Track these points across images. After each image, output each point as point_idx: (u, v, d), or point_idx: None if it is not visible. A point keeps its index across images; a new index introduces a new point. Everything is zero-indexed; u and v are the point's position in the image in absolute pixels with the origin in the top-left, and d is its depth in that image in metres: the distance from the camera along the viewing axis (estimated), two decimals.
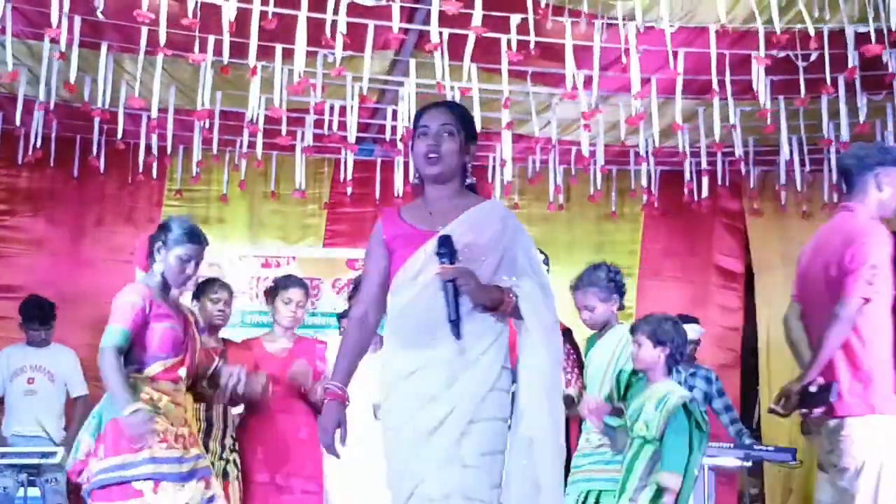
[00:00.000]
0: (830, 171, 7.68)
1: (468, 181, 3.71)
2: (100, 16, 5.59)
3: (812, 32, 5.68)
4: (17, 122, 6.85)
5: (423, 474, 3.42)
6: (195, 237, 4.82)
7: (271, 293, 5.98)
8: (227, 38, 5.79)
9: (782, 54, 6.06)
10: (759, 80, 6.18)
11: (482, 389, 3.47)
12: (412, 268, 3.54)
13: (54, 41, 5.76)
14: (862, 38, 5.94)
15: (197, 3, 5.55)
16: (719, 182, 8.27)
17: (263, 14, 5.69)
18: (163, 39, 5.70)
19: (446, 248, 3.48)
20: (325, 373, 5.72)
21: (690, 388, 7.50)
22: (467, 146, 3.67)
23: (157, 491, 4.44)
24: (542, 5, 5.78)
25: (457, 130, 3.63)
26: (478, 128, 6.47)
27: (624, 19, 6.14)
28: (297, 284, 5.97)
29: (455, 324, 3.44)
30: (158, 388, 4.63)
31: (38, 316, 7.59)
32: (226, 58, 5.90)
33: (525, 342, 3.60)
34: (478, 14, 5.70)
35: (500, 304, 3.52)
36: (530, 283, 3.60)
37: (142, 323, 4.68)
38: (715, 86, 6.31)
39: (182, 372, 4.74)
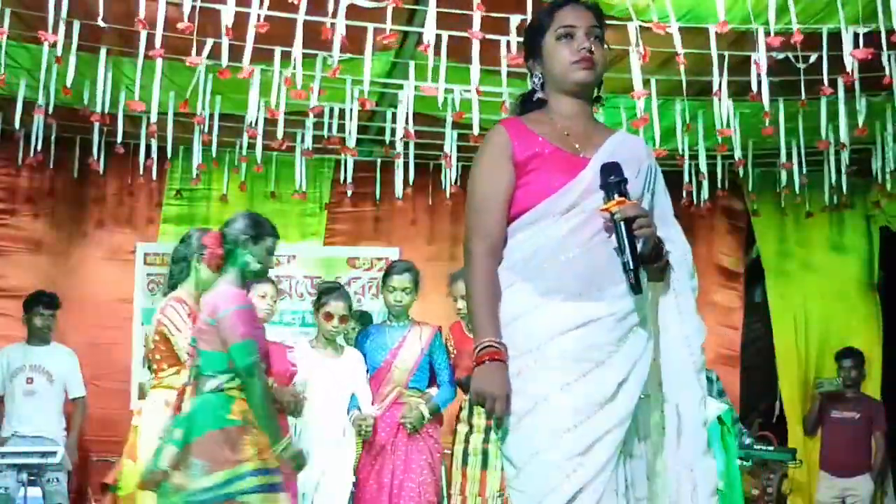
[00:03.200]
0: (829, 172, 7.67)
1: (599, 102, 3.17)
2: (100, 22, 5.58)
3: (799, 36, 5.67)
4: (17, 126, 6.83)
5: (601, 454, 2.73)
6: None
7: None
8: (225, 42, 5.80)
9: (781, 56, 6.05)
10: (762, 82, 6.16)
11: (648, 357, 2.89)
12: (567, 198, 2.85)
13: (54, 46, 5.75)
14: (862, 40, 5.93)
15: (196, 7, 5.54)
16: (719, 185, 8.27)
17: (267, 18, 5.69)
18: (158, 43, 5.70)
19: (618, 178, 2.83)
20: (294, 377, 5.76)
21: None
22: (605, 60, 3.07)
23: (269, 501, 4.29)
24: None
25: (602, 36, 3.03)
26: (476, 130, 6.62)
27: (623, 19, 6.12)
28: (266, 280, 5.96)
29: (635, 273, 2.78)
30: None
31: (43, 301, 7.61)
32: (224, 61, 5.90)
33: (669, 310, 2.97)
34: (476, 16, 5.71)
35: (658, 258, 2.91)
36: (682, 238, 3.04)
37: None
38: (715, 87, 6.30)
39: (269, 380, 4.57)
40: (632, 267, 2.77)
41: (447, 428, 6.47)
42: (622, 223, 2.77)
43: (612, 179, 2.81)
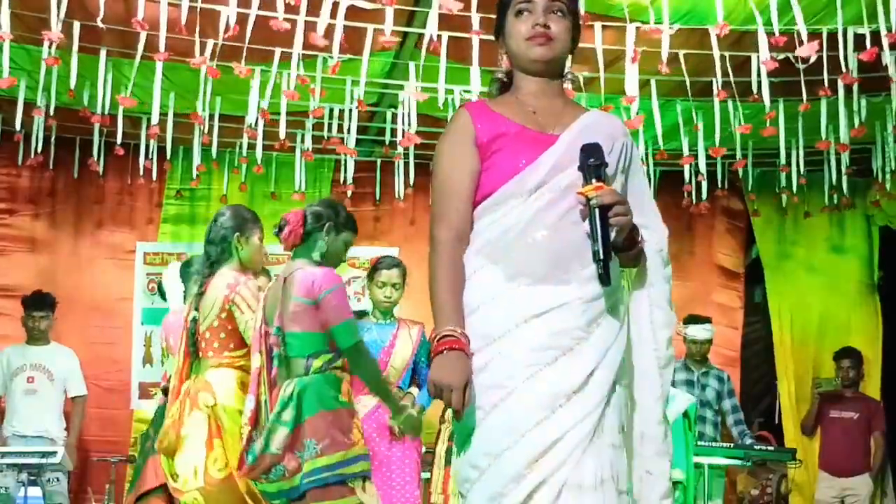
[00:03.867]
0: (829, 172, 7.68)
1: (568, 76, 3.02)
2: (100, 23, 5.58)
3: (805, 37, 5.67)
4: (18, 127, 6.84)
5: (562, 452, 2.59)
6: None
7: None
8: (220, 41, 5.82)
9: (782, 56, 6.05)
10: (763, 83, 6.16)
11: (621, 344, 2.74)
12: (533, 177, 2.72)
13: (56, 47, 5.76)
14: (861, 41, 5.93)
15: (197, 9, 5.55)
16: (719, 186, 8.28)
17: (264, 17, 5.70)
18: (162, 45, 5.71)
19: (598, 161, 2.66)
20: None
21: (703, 388, 7.55)
22: (574, 34, 2.92)
23: (365, 489, 4.28)
24: None
25: (566, 10, 2.87)
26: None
27: (623, 20, 6.13)
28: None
29: (605, 263, 2.61)
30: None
31: (34, 301, 7.61)
32: (214, 61, 5.93)
33: (640, 301, 2.84)
34: (476, 17, 5.71)
35: (633, 247, 2.77)
36: (659, 223, 2.90)
37: None
38: (716, 88, 6.31)
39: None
40: (601, 257, 2.61)
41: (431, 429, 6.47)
42: (597, 210, 2.60)
43: (592, 162, 2.65)
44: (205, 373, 4.81)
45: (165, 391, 5.77)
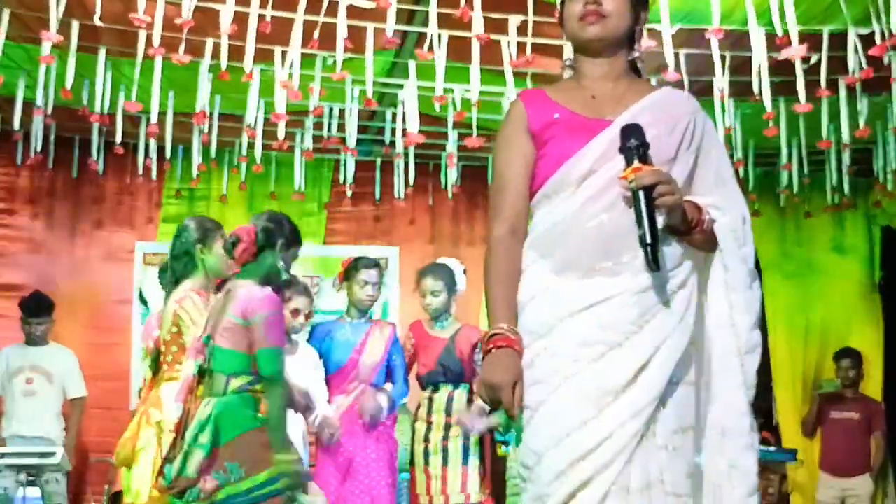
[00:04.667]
0: (830, 172, 7.66)
1: (635, 54, 2.82)
2: (97, 21, 5.57)
3: (796, 39, 5.65)
4: (17, 126, 6.83)
5: (608, 452, 2.48)
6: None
7: None
8: (224, 43, 5.80)
9: (783, 56, 6.04)
10: (763, 83, 6.14)
11: (683, 339, 2.58)
12: (580, 167, 2.61)
13: (55, 46, 5.75)
14: (864, 41, 5.92)
15: (192, 7, 5.54)
16: None
17: (261, 17, 5.68)
18: (157, 42, 5.70)
19: (637, 141, 2.54)
20: None
21: None
22: (637, 9, 2.78)
23: (307, 491, 4.26)
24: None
25: None
26: (475, 131, 6.61)
27: None
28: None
29: (652, 248, 2.48)
30: None
31: (31, 307, 7.60)
32: (223, 63, 5.90)
33: (717, 287, 2.68)
34: (478, 18, 5.70)
35: (694, 228, 2.62)
36: (733, 202, 2.72)
37: None
38: (716, 88, 6.29)
39: None
40: (648, 241, 2.46)
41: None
42: (640, 192, 2.47)
43: (631, 143, 2.53)
44: (159, 387, 4.88)
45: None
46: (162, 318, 4.98)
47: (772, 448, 7.82)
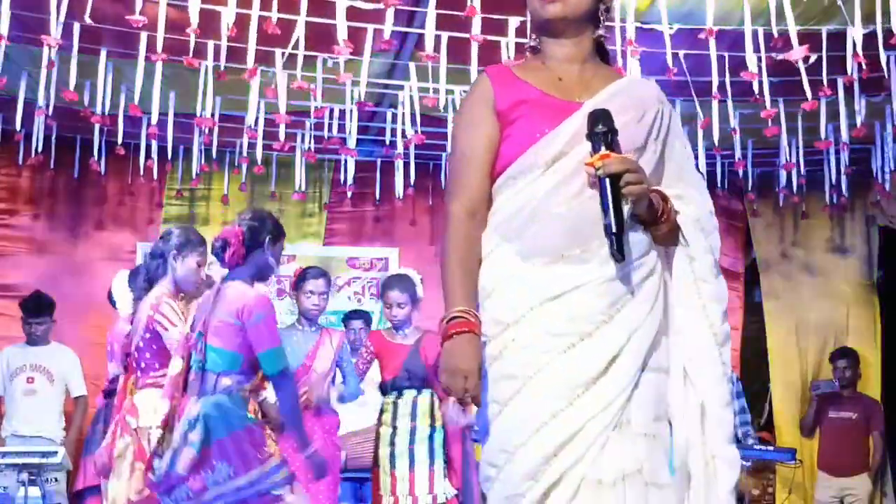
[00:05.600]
0: (829, 172, 7.68)
1: (598, 32, 2.70)
2: (87, 20, 5.57)
3: (795, 39, 5.67)
4: (18, 127, 6.85)
5: (580, 446, 2.40)
6: None
7: None
8: (224, 44, 5.83)
9: (781, 56, 6.06)
10: (763, 83, 6.16)
11: (653, 327, 2.52)
12: (550, 149, 2.51)
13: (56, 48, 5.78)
14: (863, 40, 5.94)
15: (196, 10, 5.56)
16: (718, 185, 8.28)
17: (265, 19, 5.71)
18: (159, 45, 5.73)
19: (605, 128, 2.45)
20: None
21: None
22: None
23: (293, 491, 4.28)
24: None
25: None
26: None
27: (622, 21, 6.13)
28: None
29: (618, 238, 2.42)
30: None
31: (32, 307, 7.61)
32: (223, 63, 5.93)
33: (684, 279, 2.61)
34: (477, 19, 5.72)
35: (660, 218, 2.56)
36: (698, 196, 2.67)
37: None
38: (715, 88, 6.31)
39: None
40: (614, 230, 2.40)
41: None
42: (606, 180, 2.40)
43: (599, 129, 2.44)
44: (133, 394, 4.92)
45: (108, 394, 5.84)
46: (135, 322, 5.01)
47: (770, 448, 7.84)
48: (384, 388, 6.42)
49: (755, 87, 6.06)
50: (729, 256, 9.58)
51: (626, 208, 2.44)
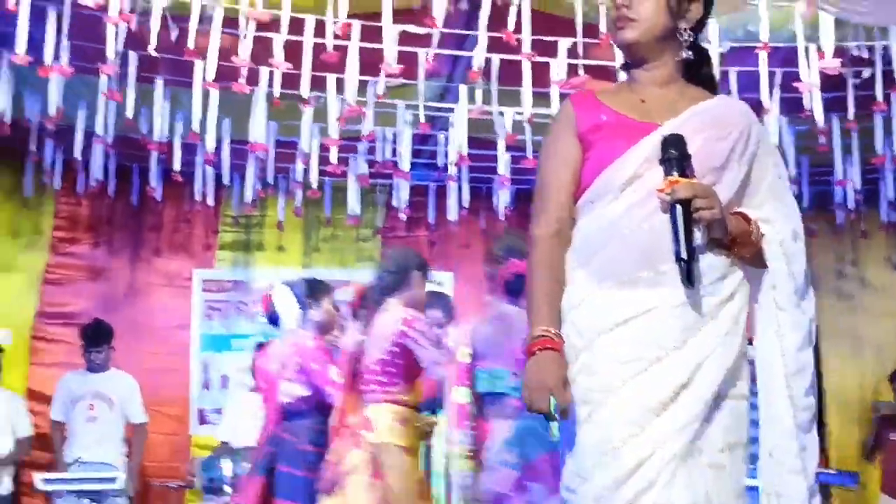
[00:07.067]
0: (886, 189, 7.60)
1: (683, 56, 2.66)
2: (152, 52, 5.69)
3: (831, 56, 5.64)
4: (77, 156, 6.97)
5: (651, 472, 2.38)
6: None
7: None
8: (279, 72, 5.90)
9: (834, 72, 6.02)
10: (815, 99, 6.12)
11: (729, 354, 2.48)
12: (622, 172, 2.50)
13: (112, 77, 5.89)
14: None
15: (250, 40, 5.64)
16: None
17: (320, 45, 5.78)
18: (212, 74, 5.82)
19: (677, 153, 2.44)
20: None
21: None
22: (679, 5, 2.63)
23: None
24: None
25: None
26: (529, 153, 6.64)
27: None
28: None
29: (687, 264, 2.40)
30: None
31: (90, 336, 7.70)
32: (276, 89, 6.00)
33: (766, 305, 2.57)
34: (527, 39, 5.76)
35: (741, 243, 2.52)
36: (784, 216, 2.59)
37: None
38: (766, 105, 6.28)
39: None
40: (683, 257, 2.38)
41: None
42: (676, 206, 2.38)
43: (670, 154, 2.43)
44: (365, 409, 4.86)
45: (289, 415, 5.65)
46: (370, 337, 4.96)
47: (832, 471, 7.74)
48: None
49: (806, 102, 6.02)
50: None
51: (698, 234, 2.42)
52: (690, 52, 2.67)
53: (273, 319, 5.89)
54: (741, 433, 2.51)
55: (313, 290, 5.18)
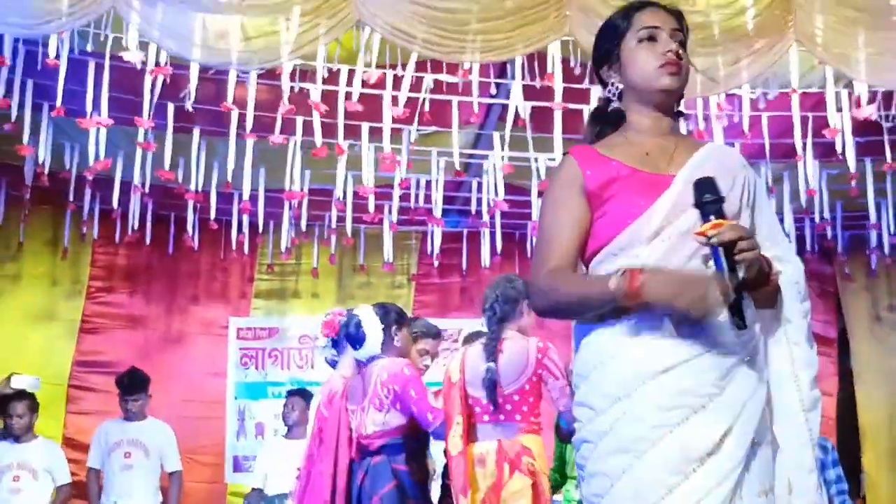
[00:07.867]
0: None
1: (680, 108, 2.74)
2: (189, 107, 5.78)
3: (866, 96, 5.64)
4: (115, 205, 7.05)
5: None
6: None
7: None
8: (317, 122, 5.97)
9: (866, 116, 6.02)
10: (847, 143, 6.11)
11: (762, 397, 2.48)
12: (650, 224, 2.48)
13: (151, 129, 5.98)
14: None
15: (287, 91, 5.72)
16: (808, 248, 8.18)
17: (349, 95, 5.86)
18: (249, 125, 5.90)
19: (714, 196, 2.42)
20: None
21: None
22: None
23: None
24: None
25: (685, 44, 2.68)
26: None
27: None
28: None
29: (738, 307, 2.37)
30: None
31: (127, 384, 7.74)
32: (318, 140, 6.07)
33: (778, 341, 2.57)
34: (559, 86, 5.80)
35: (765, 284, 2.50)
36: (792, 256, 2.65)
37: None
38: (799, 150, 6.28)
39: None
40: (732, 299, 2.35)
41: None
42: (720, 249, 2.36)
43: (707, 198, 2.41)
44: (518, 436, 4.90)
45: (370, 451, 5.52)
46: (504, 365, 4.98)
47: None
48: None
49: (838, 147, 6.03)
50: (820, 321, 9.43)
51: (740, 275, 2.37)
52: (682, 108, 2.74)
53: (352, 341, 5.29)
54: (771, 478, 2.49)
55: (398, 318, 5.18)
